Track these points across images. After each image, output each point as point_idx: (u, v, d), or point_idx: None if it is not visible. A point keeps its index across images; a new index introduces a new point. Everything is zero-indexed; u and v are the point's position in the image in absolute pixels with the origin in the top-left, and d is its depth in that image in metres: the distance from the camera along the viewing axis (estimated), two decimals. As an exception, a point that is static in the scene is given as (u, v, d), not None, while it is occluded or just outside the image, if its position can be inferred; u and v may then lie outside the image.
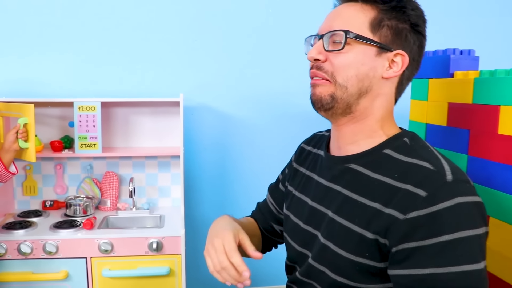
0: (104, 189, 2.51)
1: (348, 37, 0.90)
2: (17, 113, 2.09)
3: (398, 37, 0.93)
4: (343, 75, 0.91)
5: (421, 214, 0.79)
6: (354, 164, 0.95)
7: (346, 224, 0.91)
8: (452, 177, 0.82)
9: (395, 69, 0.93)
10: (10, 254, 2.04)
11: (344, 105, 0.93)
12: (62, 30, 2.45)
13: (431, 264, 0.78)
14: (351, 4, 0.95)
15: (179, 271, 2.12)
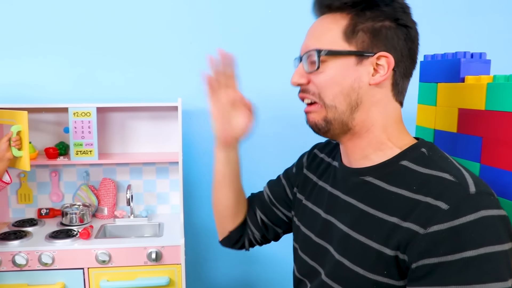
0: (101, 196, 2.48)
1: (321, 56, 0.87)
2: (10, 120, 2.06)
3: (377, 38, 0.88)
4: (328, 95, 0.88)
5: (443, 228, 0.75)
6: (370, 177, 0.91)
7: (363, 240, 0.87)
8: (476, 189, 0.78)
9: (382, 73, 0.88)
10: (5, 265, 1.99)
11: (339, 125, 0.90)
12: (56, 33, 2.41)
13: (454, 282, 0.74)
14: (324, 17, 0.92)
15: (179, 281, 2.09)
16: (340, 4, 0.88)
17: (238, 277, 2.71)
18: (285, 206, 1.19)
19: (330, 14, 0.90)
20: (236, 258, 2.66)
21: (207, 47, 2.48)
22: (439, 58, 1.59)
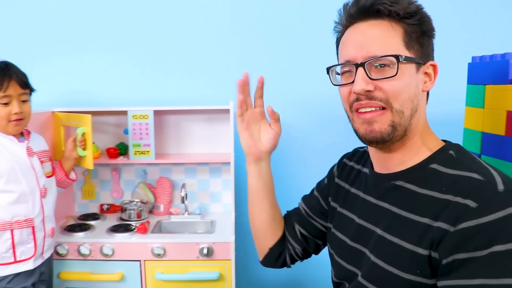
0: (157, 194, 2.59)
1: (400, 62, 0.87)
2: (76, 123, 2.19)
3: (424, 48, 0.92)
4: (399, 100, 0.89)
5: (472, 225, 0.77)
6: (401, 181, 0.94)
7: (397, 241, 0.90)
8: (504, 186, 0.79)
9: (431, 81, 0.93)
10: (71, 254, 2.13)
11: (402, 131, 0.91)
12: (116, 44, 2.56)
13: (482, 275, 0.76)
14: (374, 22, 0.91)
15: (229, 277, 2.14)
16: (400, 12, 0.89)
17: (286, 276, 2.74)
18: (322, 217, 1.21)
19: (378, 20, 0.90)
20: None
21: (258, 51, 2.56)
22: (487, 59, 1.57)
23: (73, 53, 2.57)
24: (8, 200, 1.68)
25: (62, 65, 2.58)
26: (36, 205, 1.76)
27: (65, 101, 2.56)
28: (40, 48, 2.56)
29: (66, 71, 2.59)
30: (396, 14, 0.89)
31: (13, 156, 1.71)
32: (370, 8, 0.90)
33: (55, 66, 2.58)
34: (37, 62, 2.54)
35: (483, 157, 1.51)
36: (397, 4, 0.88)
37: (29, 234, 1.74)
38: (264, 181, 1.21)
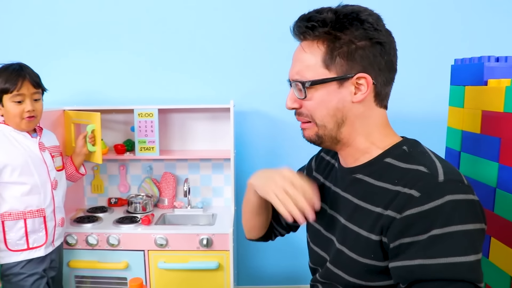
0: (162, 188, 2.70)
1: (306, 87, 0.97)
2: (86, 120, 2.31)
3: (354, 61, 0.95)
4: (318, 116, 0.99)
5: (415, 212, 0.86)
6: (361, 175, 1.03)
7: (356, 229, 0.99)
8: (444, 177, 0.88)
9: (363, 91, 0.97)
10: (80, 244, 2.26)
11: (330, 139, 1.01)
12: (124, 46, 2.68)
13: (421, 256, 0.85)
14: (303, 44, 0.99)
15: (227, 266, 2.24)
16: (314, 34, 0.96)
17: (285, 269, 2.85)
18: None
19: (306, 41, 0.99)
20: (285, 251, 2.81)
21: (259, 54, 2.65)
22: (467, 62, 1.65)
23: (83, 55, 2.70)
24: (21, 192, 1.80)
25: (73, 67, 2.71)
26: (47, 197, 1.88)
27: (75, 100, 2.69)
28: (52, 51, 2.70)
29: (77, 72, 2.72)
30: (317, 33, 0.96)
31: (26, 150, 1.83)
32: (295, 32, 1.00)
33: (66, 67, 2.71)
34: (49, 64, 2.67)
35: (462, 154, 1.60)
36: (311, 29, 0.96)
37: (40, 223, 1.87)
38: (262, 199, 1.24)
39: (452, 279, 0.84)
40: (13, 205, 1.80)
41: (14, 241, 1.81)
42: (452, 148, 1.68)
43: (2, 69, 1.77)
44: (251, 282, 2.90)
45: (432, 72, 2.59)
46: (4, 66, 1.78)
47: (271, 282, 2.90)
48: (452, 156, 1.68)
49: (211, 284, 2.27)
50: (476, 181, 1.48)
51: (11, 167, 1.77)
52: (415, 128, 2.53)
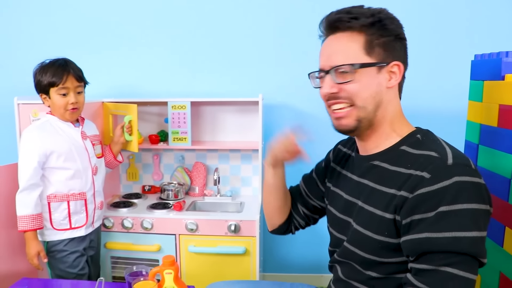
0: (193, 177, 2.82)
1: (354, 69, 1.06)
2: (123, 112, 2.44)
3: (389, 51, 1.08)
4: (361, 98, 1.08)
5: (425, 191, 0.96)
6: (377, 161, 1.14)
7: (372, 210, 1.10)
8: (453, 161, 0.98)
9: (395, 78, 1.10)
10: (116, 227, 2.41)
11: (367, 123, 1.11)
12: (159, 43, 2.81)
13: (428, 230, 0.95)
14: (339, 35, 1.10)
15: (253, 251, 2.34)
16: (359, 23, 1.07)
17: (311, 257, 2.94)
18: (319, 198, 1.44)
19: (344, 33, 1.09)
20: (311, 241, 2.89)
21: (287, 49, 2.74)
22: (486, 57, 1.70)
23: (122, 51, 2.84)
24: (65, 176, 1.96)
25: (112, 62, 2.86)
26: (88, 181, 2.03)
27: (114, 93, 2.85)
28: (93, 47, 2.85)
29: (116, 67, 2.86)
30: (355, 27, 1.07)
31: (70, 138, 1.98)
32: (333, 24, 1.11)
33: (106, 62, 2.86)
34: (91, 59, 2.82)
35: (480, 147, 1.66)
36: (355, 19, 1.07)
37: (82, 206, 2.02)
38: (279, 179, 1.43)
39: (456, 251, 0.92)
40: (58, 188, 1.96)
41: (58, 221, 1.97)
42: (470, 141, 1.74)
43: (50, 64, 1.92)
44: (277, 270, 3.00)
45: (454, 67, 2.62)
46: (51, 61, 1.93)
47: (296, 270, 2.99)
48: (470, 149, 1.73)
49: (238, 268, 2.37)
50: (493, 172, 1.54)
51: (57, 153, 1.93)
52: (436, 121, 2.56)
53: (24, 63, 2.46)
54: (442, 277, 0.93)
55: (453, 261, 0.93)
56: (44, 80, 1.89)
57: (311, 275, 2.93)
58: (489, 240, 1.54)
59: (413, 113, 2.53)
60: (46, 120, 1.98)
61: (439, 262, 0.94)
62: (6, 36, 2.88)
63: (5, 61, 2.90)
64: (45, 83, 1.89)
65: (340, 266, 1.25)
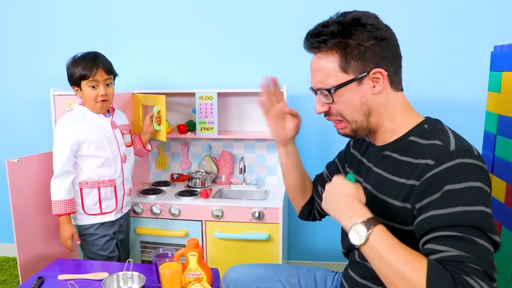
0: (220, 166, 2.90)
1: (332, 92, 1.12)
2: (152, 102, 2.52)
3: (367, 59, 1.10)
4: (347, 114, 1.15)
5: (429, 175, 1.00)
6: (389, 151, 1.19)
7: (383, 198, 1.15)
8: (455, 147, 1.02)
9: (380, 83, 1.12)
10: (145, 213, 2.51)
11: (362, 130, 1.18)
12: (187, 36, 2.89)
13: (434, 208, 0.98)
14: (316, 56, 1.16)
15: (277, 238, 2.40)
16: (327, 46, 1.11)
17: (336, 245, 2.94)
18: None
19: (319, 53, 1.14)
20: (336, 229, 2.87)
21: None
22: (505, 48, 1.70)
23: (151, 44, 2.94)
24: (96, 164, 2.07)
25: (142, 55, 2.96)
26: (118, 169, 2.14)
27: (143, 84, 2.95)
28: (124, 41, 2.96)
29: (145, 60, 2.96)
30: (327, 45, 1.11)
31: (100, 128, 2.08)
32: (308, 49, 1.17)
33: (136, 55, 2.96)
34: (122, 52, 2.94)
35: (498, 137, 1.66)
36: (323, 43, 1.11)
37: (111, 192, 2.13)
38: (292, 158, 1.51)
39: (464, 224, 0.94)
40: (89, 175, 2.07)
41: (89, 206, 2.09)
42: (489, 132, 1.74)
43: (81, 58, 2.02)
44: (302, 257, 3.06)
45: (475, 58, 2.59)
46: (82, 55, 2.03)
47: (321, 258, 3.04)
48: (489, 139, 1.74)
49: (261, 254, 2.43)
50: (510, 162, 1.55)
51: (88, 142, 2.03)
52: (456, 112, 2.56)
53: (59, 56, 2.58)
54: (461, 241, 0.93)
55: (465, 231, 0.93)
56: (76, 73, 1.99)
57: (335, 263, 2.96)
58: (504, 229, 1.55)
59: (433, 103, 2.54)
60: (79, 111, 2.09)
61: (452, 231, 0.94)
62: (43, 30, 3.03)
63: (42, 54, 3.06)
64: (76, 76, 1.99)
65: (356, 250, 1.31)
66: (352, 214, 1.05)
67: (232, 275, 1.58)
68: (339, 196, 1.10)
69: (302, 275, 1.55)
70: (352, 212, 1.05)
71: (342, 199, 1.09)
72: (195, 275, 1.64)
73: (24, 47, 3.07)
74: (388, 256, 0.95)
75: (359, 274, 1.30)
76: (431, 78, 2.54)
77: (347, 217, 1.05)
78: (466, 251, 0.91)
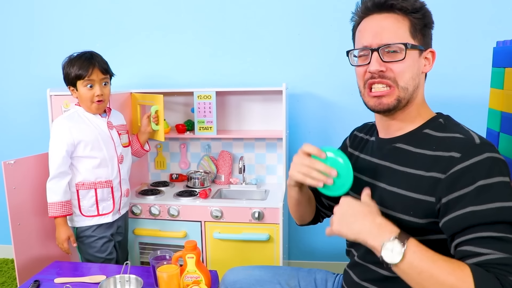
0: (219, 165, 2.88)
1: (407, 48, 1.09)
2: (150, 102, 2.50)
3: (425, 37, 1.13)
4: (403, 79, 1.11)
5: (457, 169, 0.99)
6: (400, 144, 1.17)
7: (395, 190, 1.12)
8: (480, 140, 1.01)
9: (429, 64, 1.15)
10: (144, 214, 2.49)
11: (405, 103, 1.13)
12: (184, 34, 2.86)
13: (471, 204, 0.96)
14: (386, 15, 1.12)
15: (277, 238, 2.37)
16: (407, 8, 1.10)
17: (337, 245, 2.93)
18: None
19: (391, 14, 1.12)
20: None
21: (312, 38, 2.74)
22: (508, 44, 1.66)
23: (148, 43, 2.91)
24: (92, 165, 2.04)
25: (139, 54, 2.93)
26: (114, 169, 2.11)
27: (141, 83, 2.93)
28: (121, 40, 2.94)
29: (143, 59, 2.94)
30: (406, 9, 1.10)
31: (96, 128, 2.06)
32: (385, 3, 1.12)
33: (134, 54, 2.94)
34: (119, 51, 2.92)
35: (501, 135, 1.63)
36: (406, 1, 1.10)
37: (108, 193, 2.10)
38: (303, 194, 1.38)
39: (502, 221, 0.93)
40: (85, 176, 2.04)
41: (86, 208, 2.06)
42: (492, 129, 1.71)
43: (76, 57, 1.99)
44: (303, 257, 3.04)
45: (477, 53, 2.56)
46: (78, 54, 2.00)
47: (322, 257, 3.01)
48: (492, 136, 1.71)
49: (261, 254, 2.41)
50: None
51: (84, 143, 2.01)
52: (458, 109, 2.51)
53: (56, 56, 2.55)
54: (501, 242, 0.92)
55: (505, 230, 0.93)
56: (71, 72, 1.97)
57: (337, 262, 2.94)
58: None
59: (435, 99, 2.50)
60: (75, 111, 2.06)
61: (491, 231, 0.93)
62: (39, 30, 3.01)
63: (39, 54, 3.03)
64: (72, 75, 1.97)
65: (357, 250, 1.28)
66: (380, 232, 0.99)
67: (231, 278, 1.55)
68: (356, 216, 1.04)
69: (302, 277, 1.52)
70: (379, 230, 0.99)
71: (362, 218, 1.03)
72: (193, 277, 1.62)
73: (20, 46, 3.05)
74: (430, 270, 0.92)
75: (360, 277, 1.27)
76: (432, 74, 2.47)
77: (375, 236, 0.99)
78: (508, 252, 0.91)
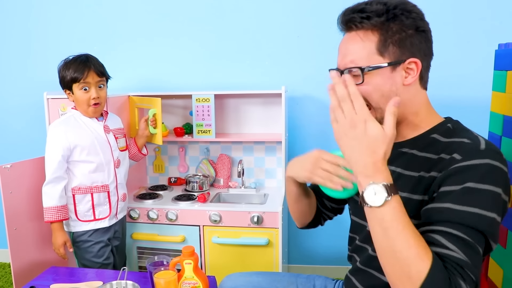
0: (218, 169, 2.85)
1: (364, 72, 1.04)
2: (148, 105, 2.48)
3: (405, 47, 1.05)
4: (374, 100, 1.07)
5: (454, 167, 0.97)
6: (406, 148, 1.14)
7: (400, 194, 1.07)
8: (485, 146, 0.98)
9: (413, 75, 1.06)
10: (142, 218, 2.47)
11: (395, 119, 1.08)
12: (183, 37, 2.84)
13: (451, 201, 0.94)
14: (353, 34, 1.08)
15: (276, 243, 2.35)
16: (371, 23, 1.04)
17: (337, 249, 2.92)
18: None
19: (358, 31, 1.07)
20: (337, 232, 2.83)
21: (311, 41, 2.72)
22: (510, 47, 1.64)
23: (146, 46, 2.89)
24: (88, 169, 2.02)
25: (137, 56, 2.91)
26: (111, 174, 2.09)
27: (139, 86, 2.90)
28: (118, 42, 2.92)
29: (141, 61, 2.92)
30: (370, 24, 1.04)
31: (93, 132, 2.03)
32: (347, 24, 1.09)
33: (132, 57, 2.91)
34: (116, 54, 2.90)
35: (503, 139, 1.61)
36: (367, 19, 1.04)
37: (105, 198, 2.08)
38: (302, 189, 1.36)
39: (476, 228, 0.92)
40: (82, 180, 2.02)
41: (83, 213, 2.04)
42: (494, 133, 1.69)
43: (72, 60, 1.97)
44: (302, 261, 3.01)
45: (478, 57, 2.54)
46: (74, 57, 1.99)
47: (322, 261, 2.99)
48: (493, 140, 1.68)
49: (261, 259, 2.39)
50: (515, 165, 1.49)
51: (80, 147, 1.99)
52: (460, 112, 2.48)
53: (53, 59, 2.54)
54: (468, 247, 0.92)
55: (473, 236, 0.92)
56: (67, 76, 1.95)
57: (336, 266, 2.92)
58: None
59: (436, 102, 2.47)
60: (71, 115, 2.04)
61: (462, 232, 0.92)
62: (37, 33, 2.98)
63: (35, 57, 3.01)
64: (68, 79, 1.95)
65: (360, 255, 1.26)
66: (375, 173, 0.94)
67: (228, 284, 1.53)
68: (361, 143, 0.97)
69: (301, 283, 1.49)
70: (375, 171, 0.94)
71: (366, 150, 0.96)
72: (191, 284, 1.59)
73: (17, 50, 3.03)
74: (396, 233, 0.90)
75: (363, 283, 1.24)
76: (433, 77, 2.46)
77: (367, 174, 0.95)
78: (469, 258, 0.90)
